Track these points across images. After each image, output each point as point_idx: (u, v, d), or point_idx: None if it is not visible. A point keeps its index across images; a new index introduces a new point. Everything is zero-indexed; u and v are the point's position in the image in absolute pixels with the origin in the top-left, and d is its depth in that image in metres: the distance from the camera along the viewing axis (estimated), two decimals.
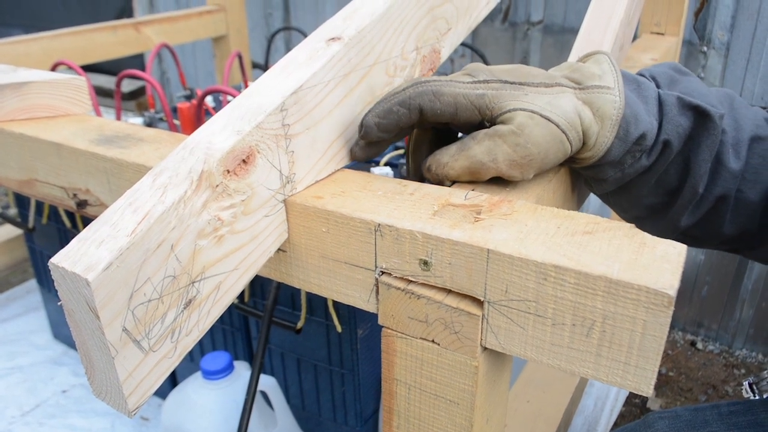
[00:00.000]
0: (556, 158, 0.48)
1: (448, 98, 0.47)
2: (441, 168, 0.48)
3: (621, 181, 0.53)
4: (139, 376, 0.39)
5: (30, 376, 1.45)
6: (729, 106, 0.56)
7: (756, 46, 1.48)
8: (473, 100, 0.47)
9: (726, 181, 0.54)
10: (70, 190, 0.62)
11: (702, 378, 1.69)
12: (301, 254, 0.48)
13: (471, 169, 0.47)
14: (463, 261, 0.40)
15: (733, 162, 0.54)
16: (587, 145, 0.49)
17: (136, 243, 0.36)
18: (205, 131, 0.43)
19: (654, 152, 0.52)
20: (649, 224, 0.59)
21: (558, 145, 0.47)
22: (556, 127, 0.47)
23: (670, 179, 0.54)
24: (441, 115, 0.48)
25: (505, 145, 0.46)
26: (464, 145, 0.48)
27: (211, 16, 1.70)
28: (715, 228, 0.57)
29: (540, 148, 0.47)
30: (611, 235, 0.40)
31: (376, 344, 1.01)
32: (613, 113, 0.49)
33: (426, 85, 0.47)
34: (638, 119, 0.50)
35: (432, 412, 0.46)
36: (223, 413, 0.98)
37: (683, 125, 0.52)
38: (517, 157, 0.46)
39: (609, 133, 0.49)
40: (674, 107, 0.52)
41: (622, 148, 0.50)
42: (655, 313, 0.35)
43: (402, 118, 0.48)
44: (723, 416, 0.73)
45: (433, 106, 0.47)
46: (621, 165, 0.52)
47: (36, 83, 0.67)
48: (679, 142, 0.52)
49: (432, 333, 0.43)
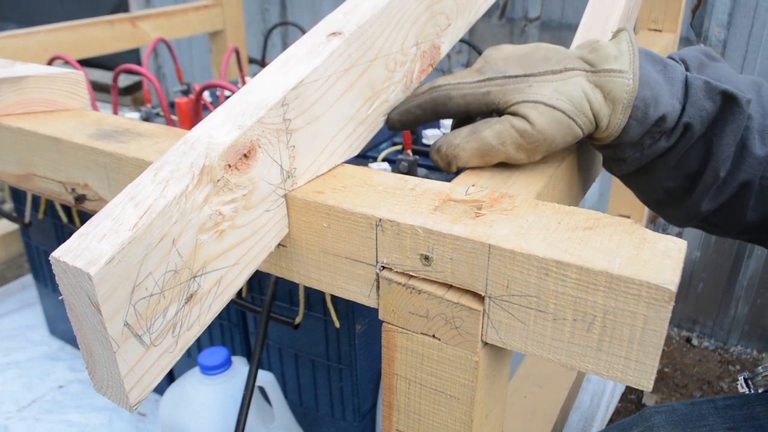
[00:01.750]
0: (564, 142, 0.50)
1: (458, 100, 0.52)
2: (452, 149, 0.51)
3: (640, 162, 0.54)
4: (140, 371, 0.39)
5: (26, 372, 1.44)
6: (756, 93, 0.55)
7: (752, 43, 1.48)
8: (480, 99, 0.52)
9: (751, 167, 0.54)
10: (68, 185, 0.61)
11: (697, 374, 1.70)
12: (301, 249, 0.48)
13: (481, 150, 0.50)
14: (465, 256, 0.40)
15: (759, 148, 0.54)
16: (600, 128, 0.51)
17: (137, 237, 0.36)
18: (206, 126, 0.43)
19: (675, 134, 0.52)
20: (669, 209, 0.59)
21: (566, 130, 0.50)
22: (563, 113, 0.49)
23: (690, 162, 0.54)
24: (454, 114, 0.53)
25: (513, 131, 0.49)
26: (476, 129, 0.51)
27: (207, 11, 1.70)
28: (738, 215, 0.57)
29: (546, 134, 0.49)
30: (612, 231, 0.40)
31: (374, 340, 1.01)
32: (625, 96, 0.49)
33: (438, 90, 0.53)
34: (658, 101, 0.50)
35: (432, 407, 0.46)
36: (220, 409, 0.97)
37: (707, 109, 0.52)
38: (524, 142, 0.49)
39: (621, 116, 0.50)
40: (701, 91, 0.52)
41: (640, 129, 0.51)
42: (656, 308, 0.35)
43: (419, 118, 0.54)
44: (719, 410, 0.73)
45: (446, 108, 0.53)
46: (640, 145, 0.53)
47: (33, 77, 0.67)
48: (702, 125, 0.52)
49: (433, 328, 0.43)
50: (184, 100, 1.07)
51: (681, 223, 0.60)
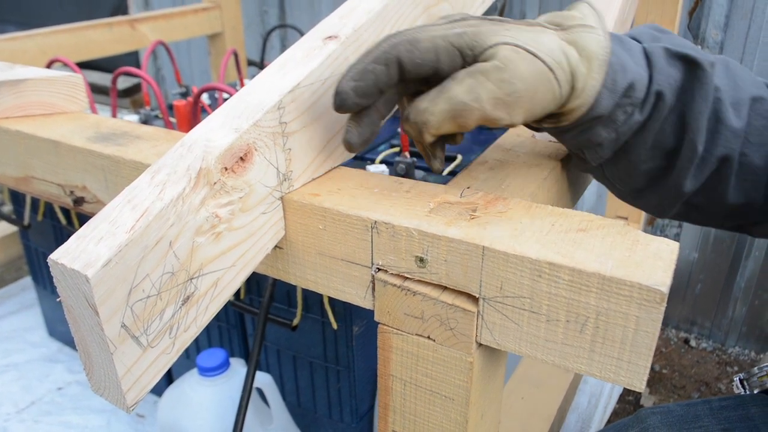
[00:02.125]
0: (545, 99, 0.45)
1: (426, 44, 0.44)
2: (420, 114, 0.44)
3: (616, 144, 0.51)
4: (137, 372, 0.39)
5: (25, 374, 1.44)
6: (724, 67, 0.54)
7: (749, 45, 1.49)
8: (453, 41, 0.44)
9: (727, 140, 0.52)
10: (66, 188, 0.62)
11: (695, 375, 1.70)
12: (298, 251, 0.48)
13: (452, 112, 0.43)
14: (459, 258, 0.40)
15: (734, 120, 0.52)
16: (575, 90, 0.46)
17: (134, 240, 0.36)
18: (203, 129, 0.43)
19: (647, 105, 0.50)
20: (651, 194, 0.56)
21: (546, 84, 0.44)
22: (543, 63, 0.44)
23: (666, 138, 0.52)
24: (422, 64, 0.44)
25: (488, 83, 0.43)
26: (444, 88, 0.44)
27: (206, 13, 1.70)
28: (720, 194, 0.55)
29: (527, 84, 0.43)
30: (605, 233, 0.40)
31: (371, 341, 1.01)
32: (600, 52, 0.46)
33: (400, 35, 0.44)
34: (625, 68, 0.48)
35: (427, 408, 0.47)
36: (219, 410, 0.98)
37: (674, 76, 0.50)
38: (503, 94, 0.43)
39: (597, 75, 0.46)
40: (662, 58, 0.50)
41: (611, 99, 0.48)
42: (648, 309, 0.36)
43: (380, 76, 0.44)
44: (714, 411, 0.74)
45: (412, 55, 0.43)
46: (613, 123, 0.50)
47: (32, 81, 0.67)
48: (672, 93, 0.50)
49: (428, 329, 0.44)
50: (182, 102, 1.07)
51: (664, 211, 0.58)
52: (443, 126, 0.44)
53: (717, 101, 0.51)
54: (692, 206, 0.57)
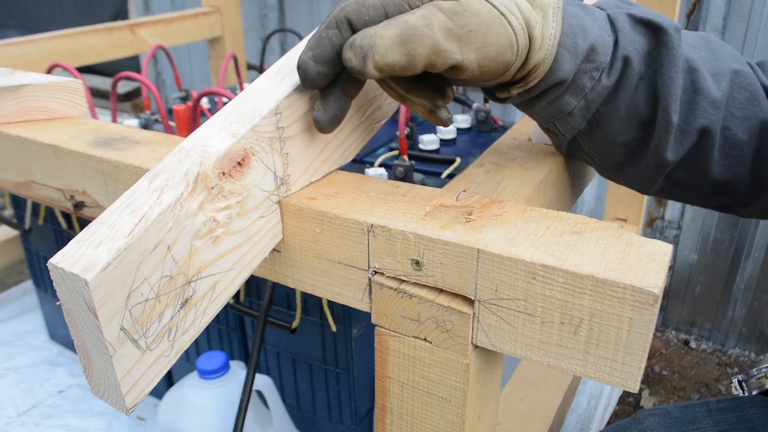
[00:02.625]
0: (498, 42, 0.44)
1: (373, 1, 0.43)
2: (368, 38, 0.41)
3: (587, 112, 0.51)
4: (136, 375, 0.40)
5: (26, 377, 1.45)
6: (704, 41, 0.54)
7: (747, 47, 1.49)
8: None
9: (706, 111, 0.51)
10: (67, 192, 0.62)
11: (695, 377, 1.70)
12: (295, 254, 0.49)
13: (403, 36, 0.41)
14: (454, 261, 0.41)
15: (714, 90, 0.51)
16: (534, 40, 0.46)
17: (133, 244, 0.37)
18: (201, 134, 0.44)
19: (614, 70, 0.49)
20: (631, 168, 0.56)
21: (499, 27, 0.43)
22: (493, 7, 0.44)
23: (640, 108, 0.51)
24: (370, 21, 0.43)
25: (441, 14, 0.42)
26: (396, 17, 0.43)
27: (206, 17, 1.71)
28: (703, 169, 0.54)
29: (480, 18, 0.43)
30: (599, 235, 0.40)
31: (370, 344, 1.02)
32: (552, 1, 0.46)
33: (348, 1, 0.44)
34: (586, 30, 0.48)
35: (424, 410, 0.47)
36: (219, 412, 0.98)
37: (639, 41, 0.50)
38: (455, 26, 0.42)
39: (554, 24, 0.46)
40: (626, 23, 0.50)
41: (573, 62, 0.48)
42: (641, 311, 0.36)
43: (334, 39, 0.44)
44: (712, 413, 0.74)
45: (360, 13, 0.43)
46: (581, 90, 0.49)
47: (33, 86, 0.68)
48: (640, 59, 0.50)
49: (424, 331, 0.44)
50: (182, 107, 1.08)
51: (647, 185, 0.57)
52: (391, 52, 0.41)
53: (693, 71, 0.51)
54: (675, 181, 0.56)
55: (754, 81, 0.53)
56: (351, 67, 0.42)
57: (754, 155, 0.54)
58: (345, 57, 0.42)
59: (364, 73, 0.42)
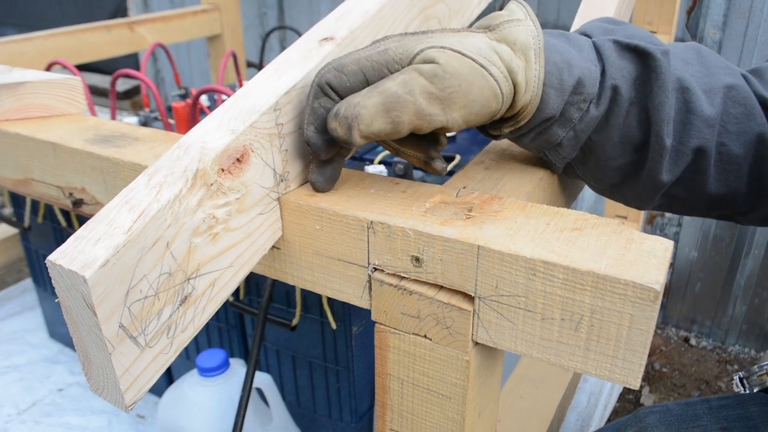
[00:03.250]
0: (482, 96, 0.44)
1: (351, 66, 0.44)
2: (351, 108, 0.42)
3: (577, 142, 0.50)
4: (135, 372, 0.40)
5: (26, 375, 1.45)
6: (696, 54, 0.53)
7: (748, 44, 1.49)
8: (377, 59, 0.44)
9: (700, 130, 0.51)
10: (66, 189, 0.62)
11: (695, 374, 1.70)
12: (294, 251, 0.49)
13: (385, 105, 0.42)
14: (455, 257, 0.41)
15: (707, 108, 0.51)
16: (518, 85, 0.45)
17: (132, 241, 0.36)
18: (200, 131, 0.44)
19: (603, 100, 0.49)
20: (627, 189, 0.55)
21: (481, 81, 0.43)
22: (472, 60, 0.43)
23: (632, 133, 0.51)
24: (351, 87, 0.44)
25: (421, 78, 0.42)
26: (377, 84, 0.43)
27: (205, 15, 1.71)
28: (699, 186, 0.54)
29: (460, 79, 0.43)
30: (599, 231, 0.40)
31: (370, 341, 1.02)
32: (533, 42, 0.46)
33: (327, 65, 0.45)
34: (571, 65, 0.47)
35: (424, 407, 0.47)
36: (219, 410, 0.98)
37: (627, 68, 0.49)
38: (436, 89, 0.42)
39: (537, 65, 0.46)
40: (612, 51, 0.49)
41: (560, 98, 0.47)
42: (642, 307, 0.36)
43: (328, 106, 0.45)
44: (713, 410, 0.74)
45: (340, 80, 0.44)
46: (569, 121, 0.49)
47: (31, 83, 0.67)
48: (629, 86, 0.49)
49: (424, 328, 0.44)
50: (181, 104, 1.07)
51: (643, 204, 0.57)
52: (375, 121, 0.42)
53: (685, 90, 0.50)
54: (672, 198, 0.56)
55: (748, 94, 0.52)
56: (337, 137, 0.43)
57: (751, 168, 0.53)
58: (330, 127, 0.44)
59: (350, 142, 0.43)
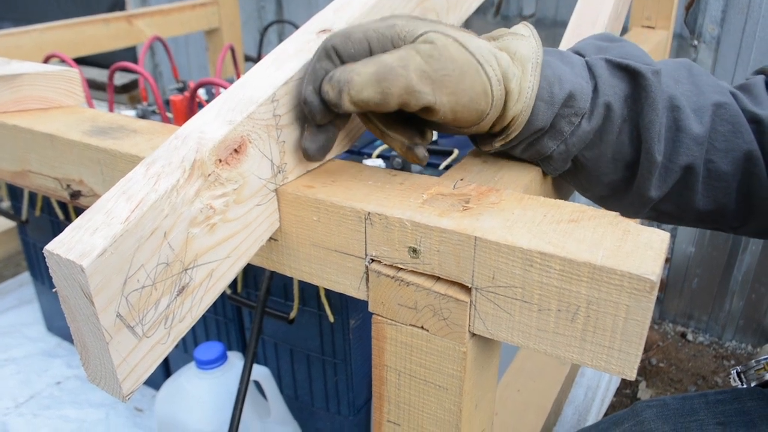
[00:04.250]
0: (473, 90, 0.45)
1: (358, 35, 0.45)
2: (346, 73, 0.43)
3: (568, 156, 0.51)
4: (133, 362, 0.40)
5: (24, 368, 1.45)
6: (687, 72, 0.54)
7: (746, 40, 1.49)
8: (384, 32, 0.45)
9: (689, 148, 0.52)
10: (63, 181, 0.62)
11: (692, 369, 1.71)
12: (292, 243, 0.49)
13: (378, 74, 0.43)
14: (451, 248, 0.41)
15: (696, 126, 0.52)
16: (511, 93, 0.47)
17: (129, 230, 0.37)
18: (197, 121, 0.44)
19: (596, 116, 0.50)
20: (613, 202, 0.57)
21: (475, 75, 0.45)
22: (471, 55, 0.45)
23: (625, 150, 0.52)
24: (355, 54, 0.45)
25: (417, 56, 0.44)
26: (376, 55, 0.45)
27: (203, 8, 1.70)
28: (687, 202, 0.55)
29: (455, 65, 0.44)
30: (596, 223, 0.40)
31: (368, 334, 1.02)
32: (532, 56, 0.47)
33: (335, 36, 0.46)
34: (562, 79, 0.48)
35: (422, 398, 0.47)
36: (216, 403, 0.98)
37: (619, 86, 0.50)
38: (430, 69, 0.43)
39: (532, 78, 0.47)
40: (604, 69, 0.50)
41: (549, 111, 0.48)
42: (638, 298, 0.36)
43: (329, 69, 0.45)
44: (710, 405, 0.74)
45: (345, 46, 0.45)
46: (560, 134, 0.50)
47: (29, 75, 0.67)
48: (621, 104, 0.50)
49: (421, 319, 0.44)
50: (179, 97, 1.07)
51: (632, 215, 0.58)
52: (366, 89, 0.43)
53: (675, 109, 0.51)
54: (661, 211, 0.58)
55: (736, 113, 0.53)
56: (328, 99, 0.44)
57: (740, 185, 0.54)
58: (323, 89, 0.44)
59: (339, 105, 0.43)
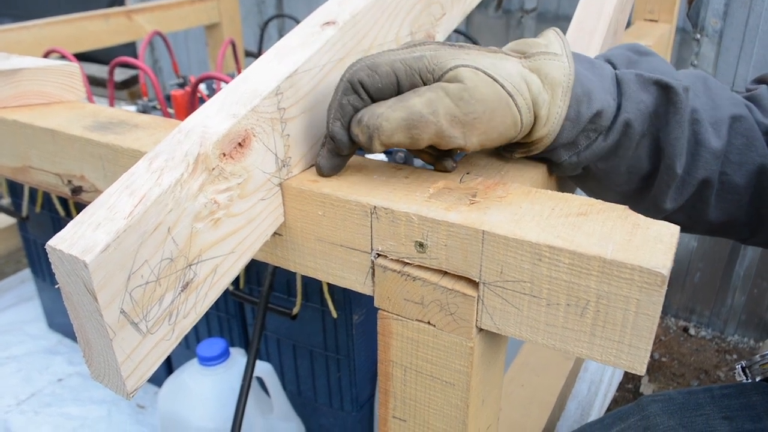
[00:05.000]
0: (502, 125, 0.44)
1: (385, 68, 0.44)
2: (374, 118, 0.43)
3: (578, 166, 0.51)
4: (137, 358, 0.39)
5: (25, 366, 1.44)
6: (703, 85, 0.54)
7: (749, 34, 1.48)
8: (411, 64, 0.45)
9: (707, 162, 0.52)
10: (64, 177, 0.62)
11: (694, 363, 1.71)
12: (297, 237, 0.48)
13: (408, 121, 0.43)
14: (459, 243, 0.40)
15: (714, 141, 0.51)
16: (539, 119, 0.46)
17: (133, 225, 0.36)
18: (201, 115, 0.43)
19: (613, 133, 0.49)
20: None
21: (505, 109, 0.44)
22: (501, 87, 0.44)
23: (641, 164, 0.52)
24: (383, 88, 0.45)
25: (447, 99, 0.43)
26: (404, 97, 0.44)
27: (203, 3, 1.69)
28: (700, 214, 0.55)
29: (485, 106, 0.43)
30: (605, 217, 0.40)
31: (371, 329, 1.01)
32: (563, 80, 0.46)
33: (360, 62, 0.45)
34: (591, 97, 0.47)
35: (428, 394, 0.47)
36: (219, 399, 0.98)
37: (645, 102, 0.49)
38: (460, 113, 0.43)
39: (561, 103, 0.46)
40: (633, 84, 0.49)
41: (574, 130, 0.48)
42: (649, 292, 0.36)
43: (356, 104, 0.45)
44: (716, 399, 0.74)
45: (373, 80, 0.44)
46: (575, 146, 0.49)
47: (29, 70, 0.67)
48: (642, 121, 0.50)
49: (428, 315, 0.44)
50: (180, 92, 1.07)
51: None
52: (396, 134, 0.43)
53: (695, 122, 0.51)
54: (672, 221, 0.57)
55: (752, 126, 0.53)
56: (358, 141, 0.45)
57: (752, 198, 0.54)
58: (353, 132, 0.45)
59: (370, 149, 0.44)
